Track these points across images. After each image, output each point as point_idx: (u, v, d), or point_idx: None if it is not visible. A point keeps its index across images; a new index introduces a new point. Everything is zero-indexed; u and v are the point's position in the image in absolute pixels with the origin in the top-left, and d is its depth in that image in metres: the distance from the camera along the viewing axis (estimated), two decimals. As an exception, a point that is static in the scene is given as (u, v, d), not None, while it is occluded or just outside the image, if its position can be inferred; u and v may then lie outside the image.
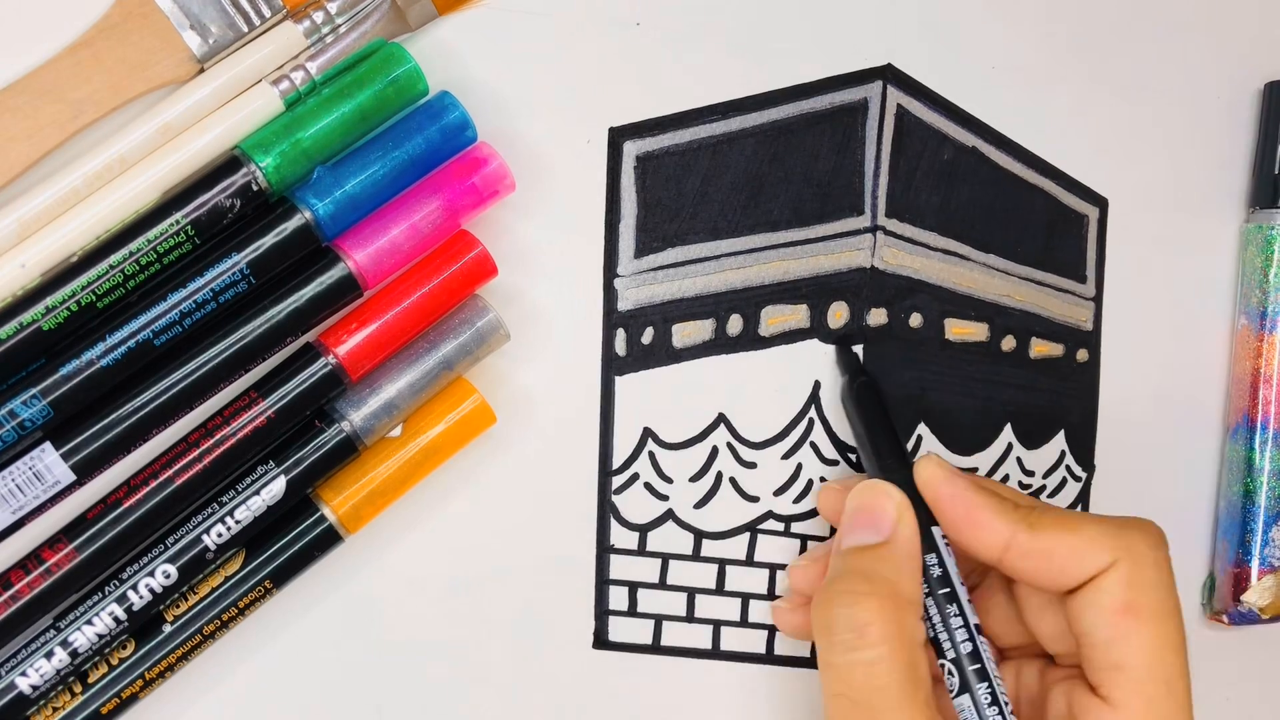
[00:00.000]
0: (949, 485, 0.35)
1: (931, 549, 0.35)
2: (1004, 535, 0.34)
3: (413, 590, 0.37)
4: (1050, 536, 0.34)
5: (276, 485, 0.34)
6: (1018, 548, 0.34)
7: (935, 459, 0.36)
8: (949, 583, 0.35)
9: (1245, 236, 0.45)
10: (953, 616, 0.34)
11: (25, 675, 0.33)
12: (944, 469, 0.35)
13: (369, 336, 0.34)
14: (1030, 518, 0.34)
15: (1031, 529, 0.34)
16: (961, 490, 0.35)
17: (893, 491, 0.35)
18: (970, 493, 0.35)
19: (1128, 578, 0.33)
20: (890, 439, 0.37)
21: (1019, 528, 0.34)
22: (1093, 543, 0.33)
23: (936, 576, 0.35)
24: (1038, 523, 0.34)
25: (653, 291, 0.39)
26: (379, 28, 0.34)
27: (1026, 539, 0.34)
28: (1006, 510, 0.34)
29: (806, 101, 0.39)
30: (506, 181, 0.35)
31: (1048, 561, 0.34)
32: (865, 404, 0.38)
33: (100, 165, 0.32)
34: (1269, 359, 0.44)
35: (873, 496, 0.35)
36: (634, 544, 0.39)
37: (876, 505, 0.35)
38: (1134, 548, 0.33)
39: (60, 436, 0.32)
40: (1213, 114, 0.44)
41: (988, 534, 0.34)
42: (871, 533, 0.35)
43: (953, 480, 0.35)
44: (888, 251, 0.40)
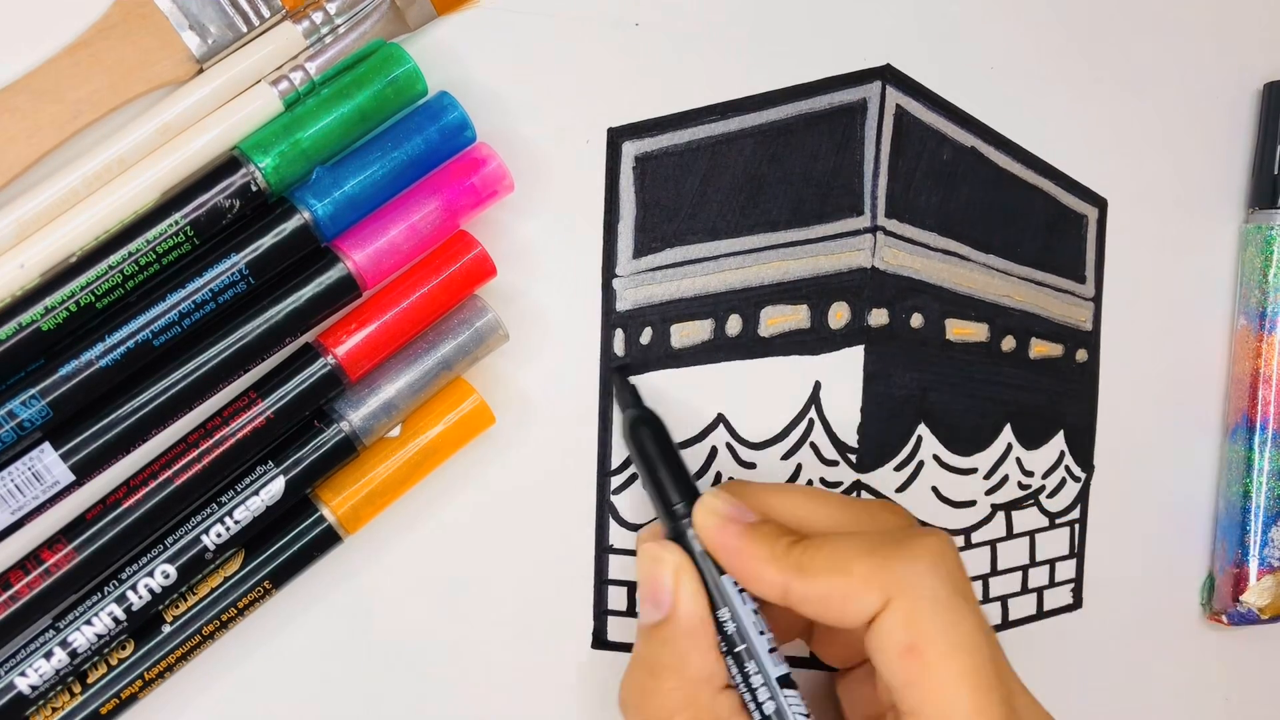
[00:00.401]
0: (720, 535, 0.33)
1: (725, 602, 0.33)
2: (778, 583, 0.32)
3: (412, 590, 0.37)
4: (821, 581, 0.31)
5: (276, 485, 0.34)
6: (794, 595, 0.32)
7: (712, 501, 0.34)
8: (745, 638, 0.33)
9: (1245, 237, 0.45)
10: (753, 675, 0.33)
11: (24, 675, 0.33)
12: (715, 516, 0.33)
13: (368, 337, 0.34)
14: (802, 560, 0.32)
15: (802, 575, 0.32)
16: (732, 540, 0.33)
17: (668, 557, 0.33)
18: (739, 541, 0.33)
19: (903, 617, 0.30)
20: (677, 478, 0.35)
21: (791, 575, 0.32)
22: (863, 583, 0.31)
23: (730, 633, 0.33)
24: (809, 566, 0.32)
25: (651, 292, 0.39)
26: (378, 28, 0.34)
27: (799, 585, 0.32)
28: (777, 557, 0.32)
29: (806, 102, 0.39)
30: (505, 182, 0.35)
31: (825, 607, 0.32)
32: (643, 442, 0.36)
33: (99, 166, 0.32)
34: (1268, 359, 0.44)
35: (650, 567, 0.34)
36: (633, 544, 0.39)
37: (655, 577, 0.33)
38: (906, 581, 0.31)
39: (59, 437, 0.32)
40: (1212, 114, 0.44)
41: (764, 584, 0.32)
42: (653, 608, 0.33)
43: (724, 529, 0.33)
44: (888, 252, 0.40)
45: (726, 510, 0.33)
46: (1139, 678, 0.46)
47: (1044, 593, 0.44)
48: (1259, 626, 0.45)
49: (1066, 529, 0.44)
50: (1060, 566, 0.44)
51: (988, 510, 0.43)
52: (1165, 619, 0.46)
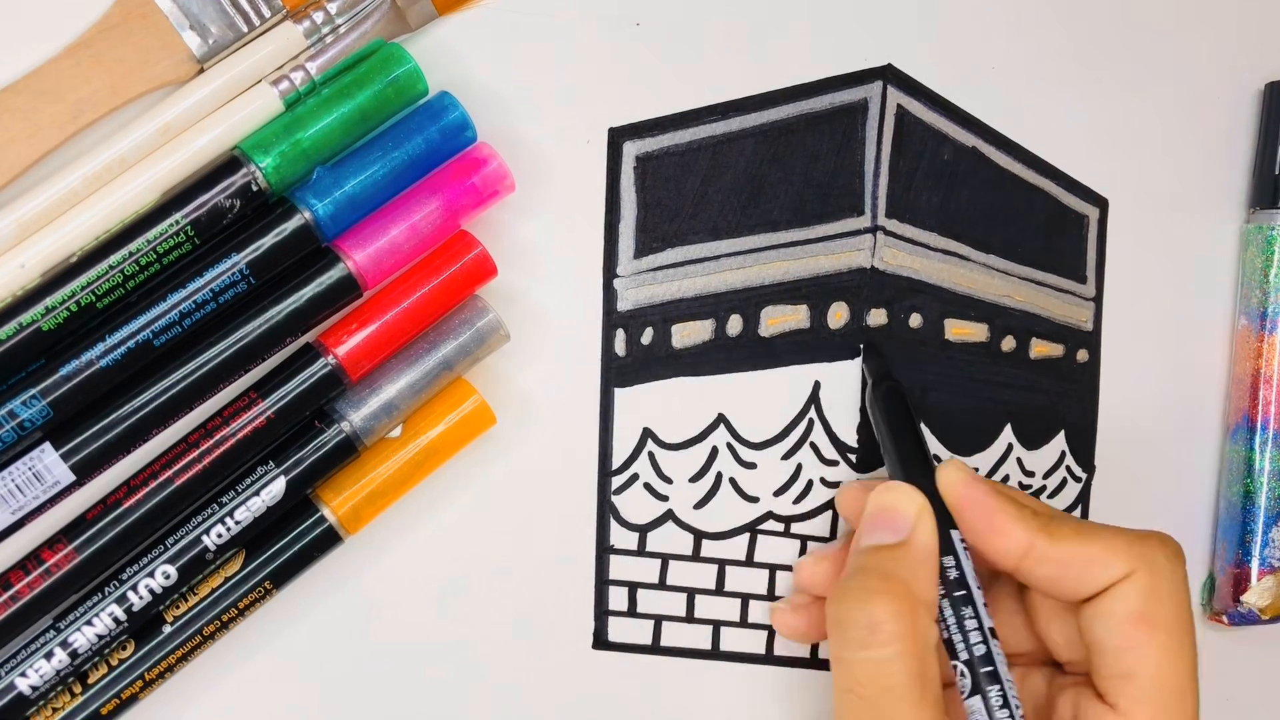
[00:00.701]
0: (970, 490, 0.35)
1: (949, 552, 0.35)
2: (1022, 542, 0.34)
3: (413, 591, 0.37)
4: (1068, 545, 0.34)
5: (276, 486, 0.34)
6: (1036, 555, 0.34)
7: (958, 464, 0.36)
8: (965, 585, 0.34)
9: (1245, 237, 0.45)
10: (967, 619, 0.34)
11: (25, 676, 0.33)
12: (966, 473, 0.35)
13: (369, 337, 0.34)
14: (1049, 526, 0.34)
15: (1050, 537, 0.34)
16: (982, 495, 0.35)
17: (913, 494, 0.35)
18: (991, 498, 0.35)
19: (1143, 588, 0.33)
20: (915, 443, 0.37)
21: (1038, 535, 0.34)
22: (1110, 552, 0.34)
23: (953, 579, 0.35)
24: (1056, 531, 0.34)
25: (652, 292, 0.39)
26: (379, 28, 0.34)
27: (1045, 546, 0.34)
28: (1026, 517, 0.34)
29: (806, 102, 0.39)
30: (506, 182, 0.35)
31: (1064, 569, 0.34)
32: (891, 408, 0.38)
33: (100, 166, 0.32)
34: (1269, 359, 0.44)
35: (893, 498, 0.35)
36: (634, 544, 0.39)
37: (896, 506, 0.35)
38: (1151, 559, 0.34)
39: (60, 437, 0.32)
40: (1213, 114, 0.44)
41: (1007, 540, 0.34)
42: (890, 533, 0.35)
43: (974, 485, 0.35)
44: (888, 252, 0.40)
45: (973, 473, 0.36)
46: (1139, 678, 0.46)
47: (1044, 593, 0.44)
48: (1260, 627, 0.45)
49: (1067, 529, 0.44)
50: (1061, 567, 0.44)
51: (988, 510, 0.43)
52: (1166, 619, 0.46)
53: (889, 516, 0.35)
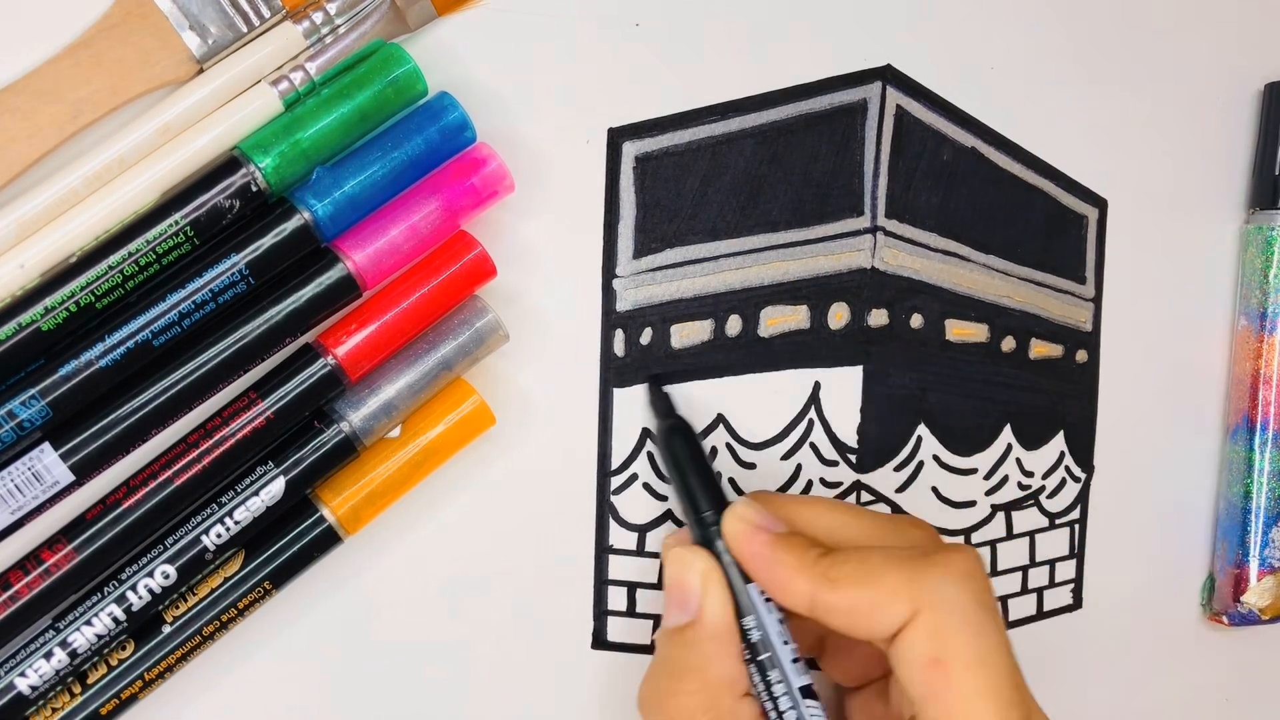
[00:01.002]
0: (749, 543, 0.33)
1: (751, 610, 0.33)
2: (806, 593, 0.32)
3: (412, 591, 0.37)
4: (849, 593, 0.32)
5: (276, 486, 0.34)
6: (821, 605, 0.32)
7: (742, 510, 0.34)
8: (769, 646, 0.33)
9: (1245, 237, 0.45)
10: (775, 683, 0.33)
11: (24, 676, 0.33)
12: (747, 522, 0.34)
13: (368, 337, 0.34)
14: (831, 571, 0.32)
15: (831, 586, 0.32)
16: (762, 548, 0.33)
17: (696, 561, 0.34)
18: (770, 550, 0.33)
19: (930, 629, 0.31)
20: (706, 486, 0.35)
21: (819, 585, 0.32)
22: (891, 595, 0.31)
23: (755, 641, 0.33)
24: (837, 577, 0.32)
25: (651, 292, 0.39)
26: (378, 28, 0.34)
27: (827, 596, 0.32)
28: (806, 566, 0.32)
29: (806, 102, 0.39)
30: (506, 182, 0.35)
31: (851, 619, 0.32)
32: (676, 449, 0.36)
33: (99, 166, 0.32)
34: (1269, 360, 0.44)
35: (678, 570, 0.34)
36: (633, 544, 0.39)
37: (683, 581, 0.34)
38: (936, 593, 0.31)
39: (59, 437, 0.32)
40: (1213, 115, 0.44)
41: (790, 594, 0.33)
42: (680, 611, 0.34)
43: (753, 536, 0.33)
44: (888, 252, 0.40)
45: (756, 519, 0.34)
46: (1139, 678, 0.46)
47: (1044, 593, 0.44)
48: (1259, 627, 0.45)
49: (1066, 529, 0.44)
50: (1060, 567, 0.44)
51: (987, 511, 0.43)
52: (1165, 620, 0.46)
53: (678, 593, 0.34)
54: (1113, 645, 0.45)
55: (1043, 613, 0.44)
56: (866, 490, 0.41)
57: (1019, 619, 0.44)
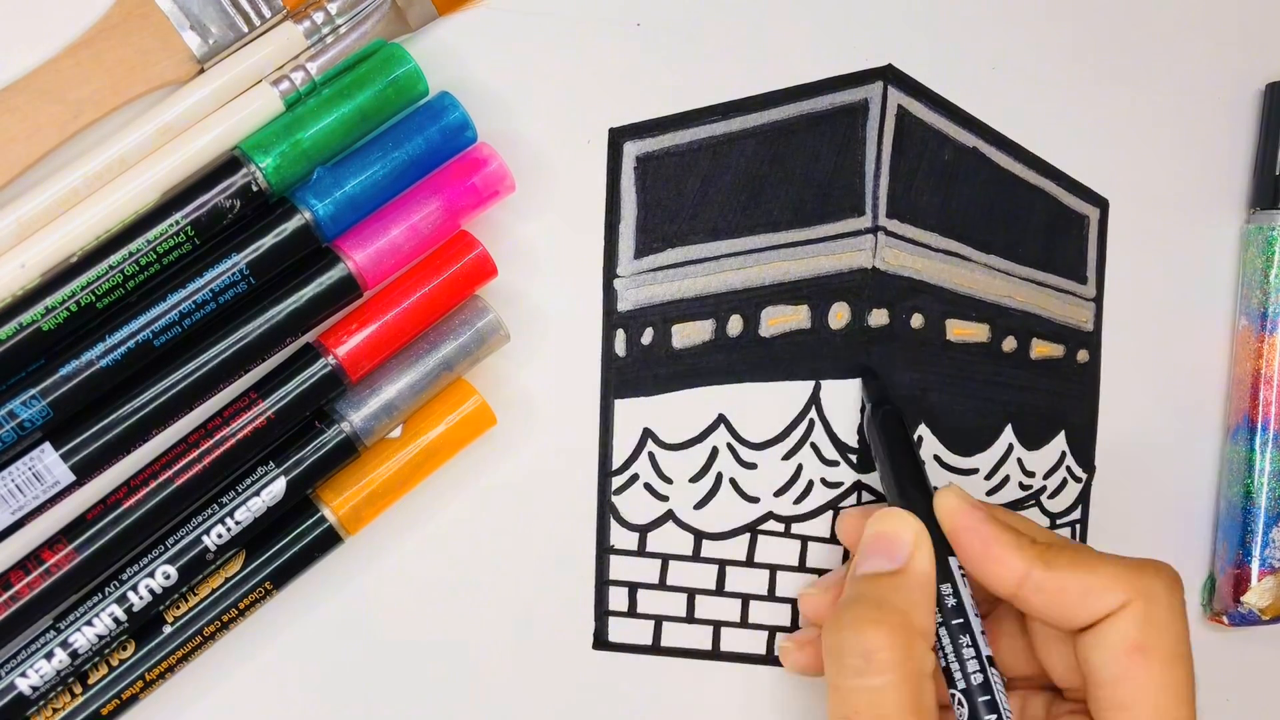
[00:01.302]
0: (967, 517, 0.35)
1: (947, 579, 0.35)
2: (1019, 570, 0.34)
3: (413, 591, 0.37)
4: (1065, 574, 0.34)
5: (276, 486, 0.34)
6: (1033, 584, 0.34)
7: (956, 490, 0.36)
8: (963, 613, 0.34)
9: (1246, 238, 0.45)
10: (965, 647, 0.34)
11: (25, 676, 0.33)
12: (964, 500, 0.35)
13: (369, 337, 0.34)
14: (1047, 555, 0.34)
15: (1047, 566, 0.34)
16: (979, 523, 0.35)
17: (911, 520, 0.35)
18: (988, 526, 0.35)
19: (1140, 618, 0.33)
20: (913, 468, 0.37)
21: (1035, 564, 0.34)
22: (1108, 582, 0.33)
23: (951, 606, 0.35)
24: (1054, 560, 0.34)
25: (652, 292, 0.39)
26: (379, 28, 0.34)
27: (1042, 575, 0.34)
28: (1023, 546, 0.34)
29: (807, 102, 0.39)
30: (506, 182, 0.35)
31: (1062, 598, 0.34)
32: (889, 433, 0.38)
33: (100, 166, 0.32)
34: (1269, 360, 0.44)
35: (890, 525, 0.35)
36: (634, 545, 0.39)
37: (893, 533, 0.35)
38: (1149, 589, 0.33)
39: (60, 437, 0.32)
40: (1213, 115, 0.44)
41: (1003, 568, 0.34)
42: (886, 560, 0.35)
43: (971, 512, 0.35)
44: (889, 252, 0.40)
45: (971, 498, 0.35)
46: (1140, 678, 0.46)
47: (1045, 593, 0.44)
48: (1260, 627, 0.45)
49: (1068, 530, 0.44)
50: (1061, 567, 0.44)
51: (989, 511, 0.43)
52: (1166, 620, 0.46)
53: (885, 543, 0.35)
54: (1113, 645, 0.45)
55: (1043, 613, 0.44)
56: (867, 490, 0.41)
57: (1020, 619, 0.44)
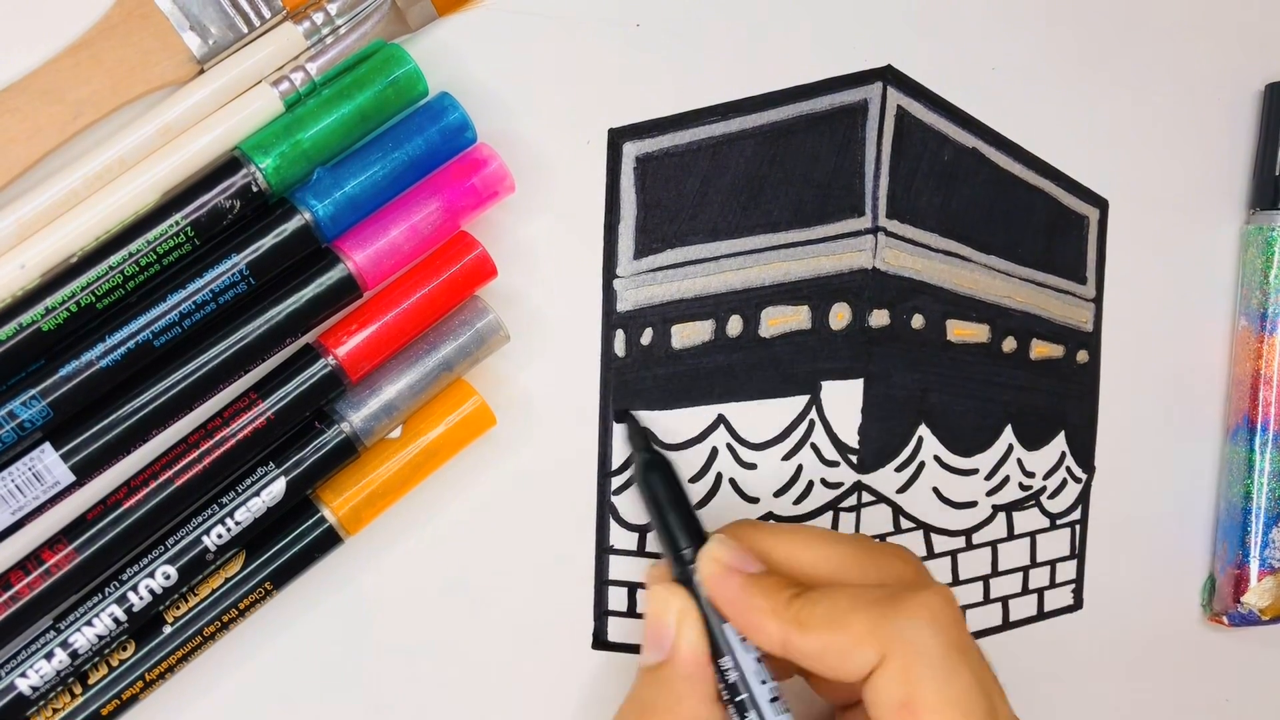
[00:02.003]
0: (722, 586, 0.33)
1: (728, 650, 0.33)
2: (778, 637, 0.32)
3: (413, 591, 0.37)
4: (819, 636, 0.32)
5: (276, 486, 0.34)
6: (792, 648, 0.32)
7: (715, 551, 0.34)
8: (746, 687, 0.33)
9: (1245, 238, 0.45)
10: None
11: (25, 676, 0.33)
12: (720, 564, 0.33)
13: (369, 338, 0.34)
14: (801, 615, 0.32)
15: (801, 629, 0.32)
16: (734, 591, 0.33)
17: (674, 599, 0.34)
18: (741, 593, 0.33)
19: (900, 673, 0.31)
20: (685, 522, 0.35)
21: (790, 628, 0.32)
22: (860, 640, 0.31)
23: (731, 682, 0.33)
24: (807, 621, 0.32)
25: (652, 292, 0.39)
26: (379, 29, 0.34)
27: (798, 640, 0.32)
28: (778, 608, 0.32)
29: (806, 103, 0.39)
30: (506, 183, 0.35)
31: (823, 661, 0.32)
32: (653, 486, 0.36)
33: (100, 166, 0.32)
34: (1269, 360, 0.44)
35: (655, 608, 0.34)
36: (633, 544, 0.39)
37: (657, 618, 0.34)
38: (904, 636, 0.31)
39: (60, 437, 0.32)
40: (1213, 115, 0.44)
41: (764, 636, 0.33)
42: (655, 650, 0.34)
43: (726, 580, 0.33)
44: (889, 253, 0.40)
45: (730, 559, 0.34)
46: (1139, 679, 0.46)
47: (1045, 594, 0.44)
48: (1260, 628, 0.45)
49: (1067, 530, 0.44)
50: (1061, 567, 0.44)
51: (989, 511, 0.43)
52: (1166, 620, 0.46)
53: (653, 629, 0.34)
54: (1113, 646, 0.45)
55: (1043, 613, 0.44)
56: (868, 491, 0.41)
57: (1020, 619, 0.44)
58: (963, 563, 0.43)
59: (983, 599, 0.43)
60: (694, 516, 0.35)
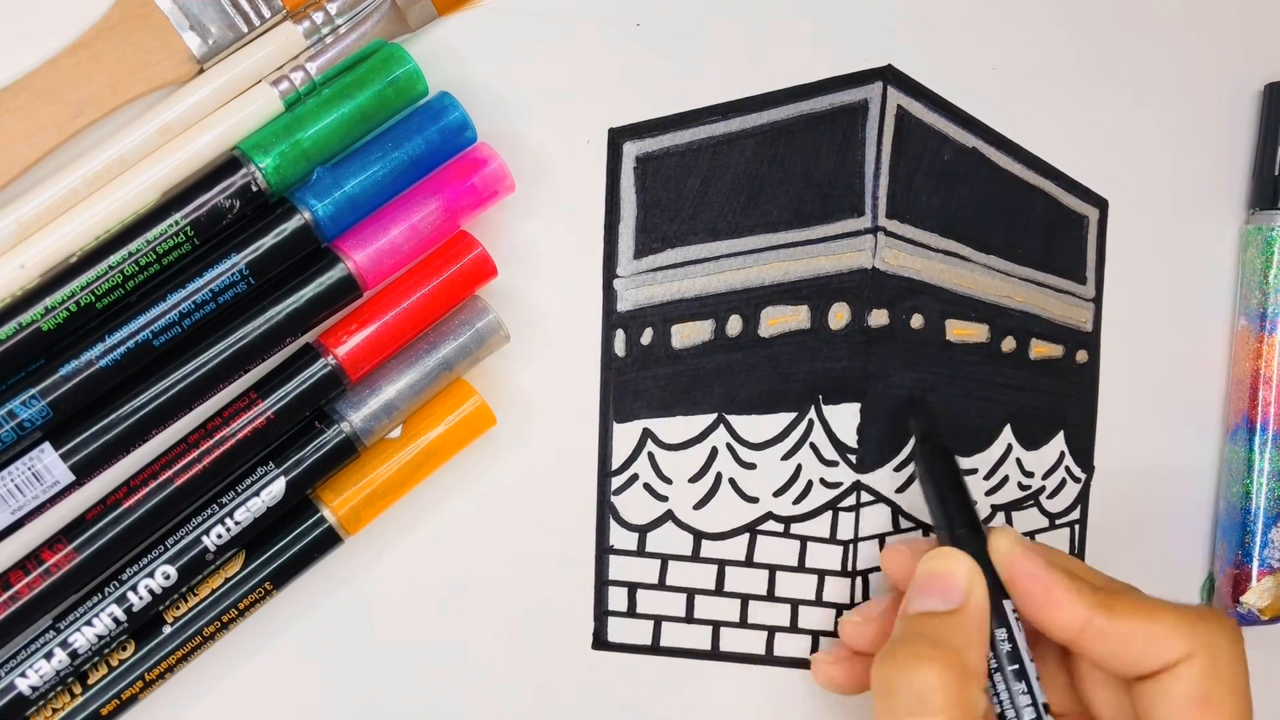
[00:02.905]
0: (1025, 562, 0.35)
1: (1003, 623, 0.35)
2: (1081, 617, 0.34)
3: (412, 591, 0.37)
4: (1128, 622, 0.33)
5: (276, 486, 0.34)
6: (1094, 630, 0.33)
7: (1010, 532, 0.35)
8: (1019, 659, 0.34)
9: (1245, 238, 0.45)
10: (1020, 694, 0.34)
11: (25, 676, 0.33)
12: (1019, 543, 0.35)
13: (369, 337, 0.34)
14: (1108, 601, 0.34)
15: (1109, 613, 0.33)
16: (1039, 568, 0.34)
17: (965, 560, 0.35)
18: (1047, 571, 0.34)
19: (1205, 670, 0.33)
20: (963, 506, 0.37)
21: (1097, 611, 0.33)
22: (1172, 632, 0.33)
23: (1006, 651, 0.34)
24: (1115, 607, 0.34)
25: (652, 292, 0.39)
26: (379, 28, 0.34)
27: (1104, 623, 0.33)
28: (1084, 592, 0.34)
29: (806, 102, 0.39)
30: (506, 182, 0.35)
31: (1124, 647, 0.33)
32: (937, 469, 0.38)
33: (100, 166, 0.32)
34: (1269, 360, 0.44)
35: (946, 564, 0.35)
36: (633, 545, 0.39)
37: (949, 572, 0.35)
38: (1213, 641, 0.33)
39: (59, 437, 0.32)
40: (1213, 115, 0.44)
41: (1064, 615, 0.34)
42: (941, 599, 0.34)
43: (1029, 556, 0.35)
44: (889, 253, 0.40)
45: (1027, 541, 0.35)
46: (1139, 678, 0.46)
47: (1044, 593, 0.44)
48: (1259, 628, 0.45)
49: (1067, 530, 0.44)
50: (1060, 567, 0.44)
51: (988, 511, 0.43)
52: (1165, 620, 0.46)
53: (941, 583, 0.35)
54: (1113, 645, 0.45)
55: (1043, 613, 0.44)
56: (866, 490, 0.41)
57: (1019, 619, 0.44)
58: (962, 562, 0.43)
59: (982, 599, 0.43)
60: (971, 503, 0.37)
